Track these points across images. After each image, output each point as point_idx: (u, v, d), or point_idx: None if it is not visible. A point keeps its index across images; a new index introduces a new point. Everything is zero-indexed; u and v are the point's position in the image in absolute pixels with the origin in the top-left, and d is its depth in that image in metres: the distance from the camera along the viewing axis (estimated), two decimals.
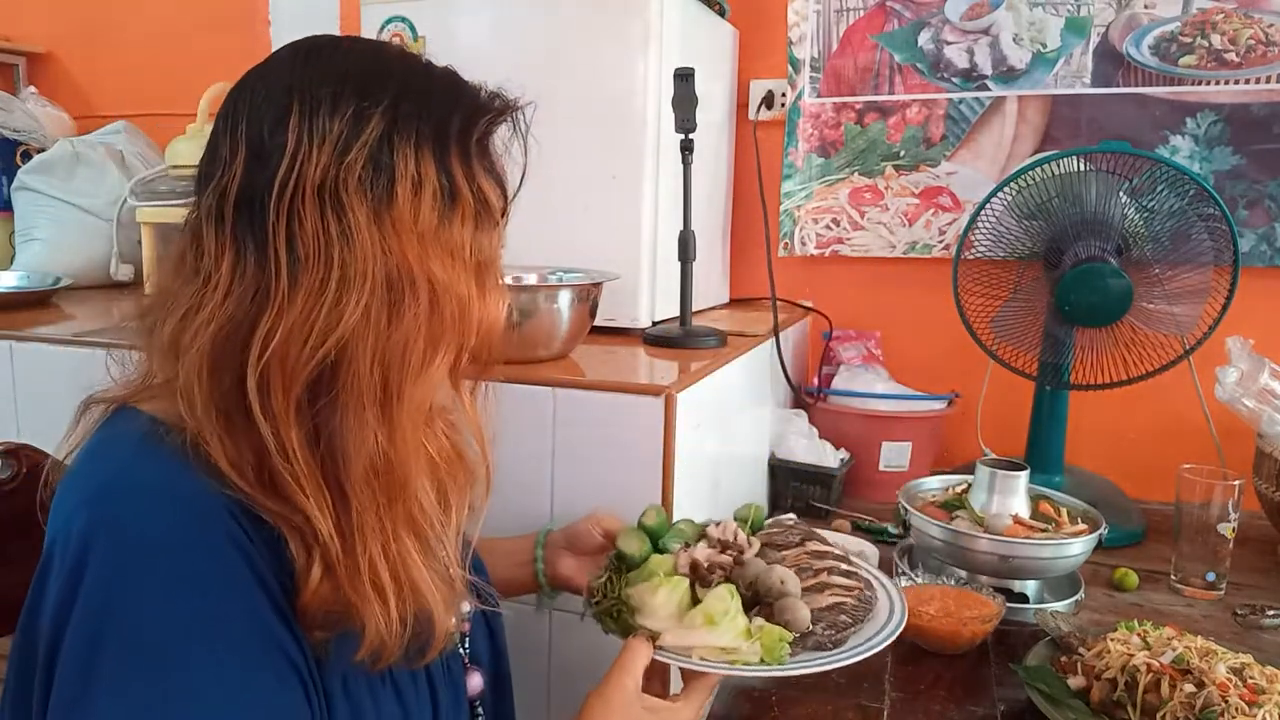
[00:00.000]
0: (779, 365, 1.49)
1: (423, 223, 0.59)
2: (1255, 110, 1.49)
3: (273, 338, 0.56)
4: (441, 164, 0.60)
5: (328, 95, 0.58)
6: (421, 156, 0.59)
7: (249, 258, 0.57)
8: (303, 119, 0.58)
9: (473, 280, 0.62)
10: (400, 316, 0.58)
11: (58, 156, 1.88)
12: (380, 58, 0.62)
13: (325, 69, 0.60)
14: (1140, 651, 0.88)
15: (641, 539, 0.90)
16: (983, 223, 1.42)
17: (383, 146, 0.58)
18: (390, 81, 0.60)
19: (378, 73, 0.61)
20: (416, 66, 0.63)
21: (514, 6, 1.42)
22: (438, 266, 0.59)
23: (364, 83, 0.59)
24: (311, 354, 0.56)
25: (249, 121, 0.59)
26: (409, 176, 0.58)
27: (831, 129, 1.73)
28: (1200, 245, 1.31)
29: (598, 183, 1.38)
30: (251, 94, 0.60)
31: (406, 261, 0.58)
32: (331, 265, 0.56)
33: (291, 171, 0.56)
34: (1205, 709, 0.80)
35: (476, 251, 0.62)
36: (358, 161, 0.57)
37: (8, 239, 1.95)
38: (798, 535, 0.94)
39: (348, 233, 0.57)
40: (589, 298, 1.18)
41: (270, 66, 0.62)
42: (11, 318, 1.44)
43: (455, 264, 0.60)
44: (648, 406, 1.00)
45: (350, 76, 0.60)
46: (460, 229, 0.61)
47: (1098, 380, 1.38)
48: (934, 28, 1.65)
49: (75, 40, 2.36)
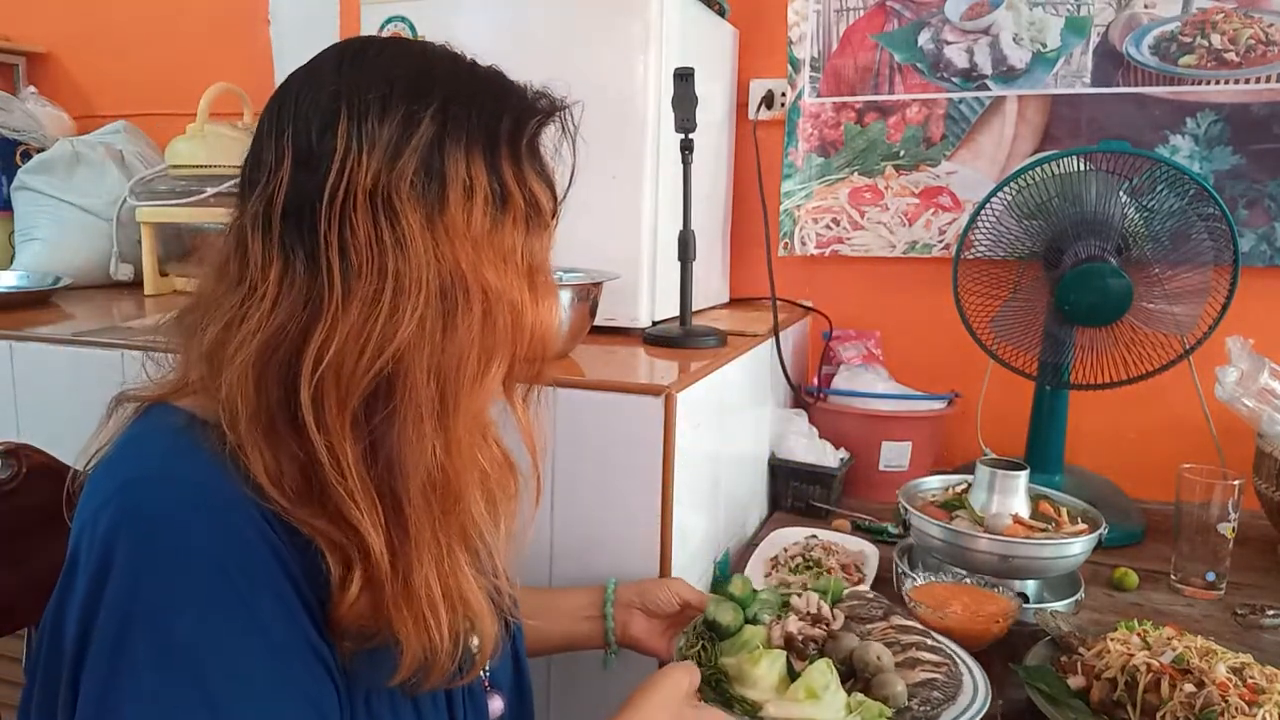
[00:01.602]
0: (779, 365, 1.49)
1: (475, 228, 0.58)
2: (1255, 110, 1.49)
3: (328, 349, 0.55)
4: (492, 167, 0.59)
5: (376, 99, 0.57)
6: (473, 160, 0.58)
7: (298, 266, 0.56)
8: (351, 124, 0.57)
9: (525, 285, 0.61)
10: (455, 326, 0.57)
11: (58, 156, 1.88)
12: (427, 59, 0.61)
13: (371, 72, 0.59)
14: (1140, 651, 0.88)
15: (735, 610, 0.94)
16: (983, 223, 1.42)
17: (434, 151, 0.57)
18: (438, 84, 0.59)
19: (425, 75, 0.60)
20: (463, 67, 0.63)
21: (514, 6, 1.42)
22: (491, 273, 0.58)
23: (412, 85, 0.59)
24: (369, 366, 0.55)
25: (295, 128, 0.58)
26: (460, 181, 0.57)
27: (831, 129, 1.73)
28: (1200, 245, 1.31)
29: (598, 183, 1.38)
30: (296, 99, 0.59)
31: (460, 269, 0.57)
32: (386, 274, 0.55)
33: (342, 177, 0.55)
34: (1205, 709, 0.80)
35: (528, 255, 0.61)
36: (409, 166, 0.56)
37: (8, 239, 1.95)
38: (880, 609, 0.98)
39: (401, 240, 0.55)
40: (589, 297, 1.18)
41: (315, 70, 0.61)
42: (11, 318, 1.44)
43: (508, 269, 0.59)
44: (648, 406, 1.00)
45: (398, 79, 0.59)
46: (512, 233, 0.60)
47: (1098, 380, 1.38)
48: (934, 27, 1.65)
49: (75, 40, 2.36)
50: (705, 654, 0.89)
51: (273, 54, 2.10)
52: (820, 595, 0.95)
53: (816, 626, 0.90)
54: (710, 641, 0.91)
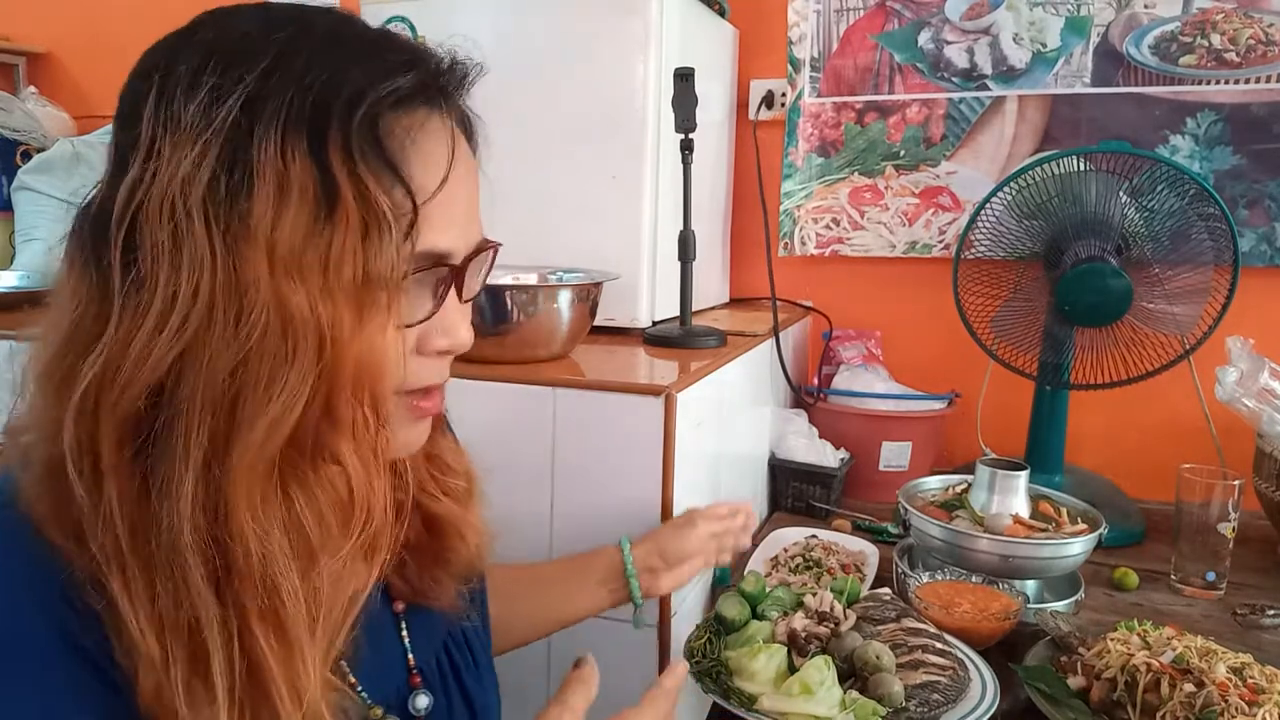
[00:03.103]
0: (779, 365, 1.49)
1: (281, 234, 0.46)
2: (1255, 110, 1.49)
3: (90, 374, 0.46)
4: (316, 156, 0.46)
5: (187, 72, 0.47)
6: (290, 146, 0.46)
7: (93, 280, 0.48)
8: (157, 106, 0.47)
9: (349, 303, 0.47)
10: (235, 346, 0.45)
11: (58, 156, 1.88)
12: (265, 18, 0.49)
13: (195, 38, 0.49)
14: (1140, 651, 0.88)
15: (742, 604, 0.97)
16: (983, 222, 1.42)
17: (239, 135, 0.46)
18: (263, 49, 0.47)
19: (252, 38, 0.48)
20: (310, 26, 0.50)
21: (514, 7, 1.42)
22: (294, 287, 0.46)
23: (231, 53, 0.47)
24: (125, 391, 0.46)
25: (116, 116, 0.50)
26: (270, 175, 0.46)
27: (831, 129, 1.73)
28: (1200, 245, 1.31)
29: (598, 183, 1.39)
30: (127, 81, 0.50)
31: (249, 281, 0.45)
32: (158, 286, 0.45)
33: (141, 175, 0.46)
34: (1205, 709, 0.80)
35: (361, 268, 0.47)
36: (206, 155, 0.45)
37: (8, 239, 1.95)
38: (894, 611, 0.98)
39: (180, 245, 0.45)
40: (589, 298, 1.18)
41: (155, 43, 0.51)
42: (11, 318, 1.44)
43: (326, 284, 0.47)
44: (648, 406, 1.01)
45: (218, 46, 0.48)
46: (340, 240, 0.47)
47: (1098, 380, 1.38)
48: (934, 27, 1.65)
49: (75, 40, 2.36)
50: (710, 646, 0.92)
51: None
52: (835, 595, 0.95)
53: (823, 624, 0.91)
54: (716, 634, 0.94)
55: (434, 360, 0.56)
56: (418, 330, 0.54)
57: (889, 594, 1.03)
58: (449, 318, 0.55)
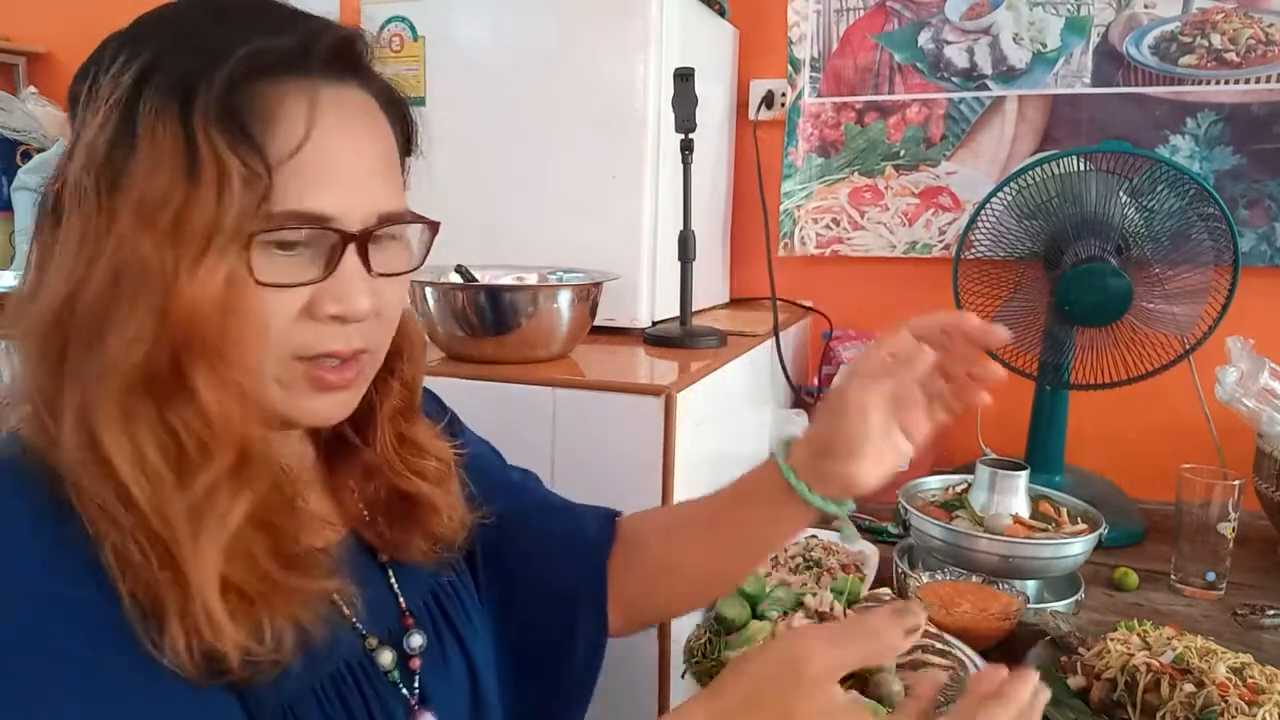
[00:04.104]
0: (779, 365, 1.49)
1: (149, 190, 0.50)
2: (1255, 110, 1.49)
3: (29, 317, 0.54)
4: (184, 123, 0.50)
5: (111, 50, 0.54)
6: (165, 115, 0.50)
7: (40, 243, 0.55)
8: (91, 84, 0.53)
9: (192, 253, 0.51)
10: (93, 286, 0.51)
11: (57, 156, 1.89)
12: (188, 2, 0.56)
13: (139, 20, 0.55)
14: (1140, 651, 0.88)
15: (742, 604, 0.97)
16: (983, 223, 1.42)
17: (130, 106, 0.51)
18: (163, 24, 0.54)
19: (165, 17, 0.54)
20: (212, 3, 0.55)
21: (514, 6, 1.42)
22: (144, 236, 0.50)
23: (138, 30, 0.54)
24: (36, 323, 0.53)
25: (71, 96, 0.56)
26: (148, 140, 0.50)
27: (831, 129, 1.73)
28: (1200, 245, 1.31)
29: (598, 183, 1.39)
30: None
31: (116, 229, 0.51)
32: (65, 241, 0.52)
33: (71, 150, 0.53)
34: (1205, 709, 0.80)
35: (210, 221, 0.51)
36: (105, 127, 0.51)
37: (8, 239, 1.95)
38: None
39: (80, 204, 0.52)
40: (589, 298, 1.18)
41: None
42: None
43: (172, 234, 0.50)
44: (648, 406, 1.00)
45: (138, 27, 0.54)
46: (196, 196, 0.50)
47: (1098, 380, 1.38)
48: (934, 27, 1.65)
49: (75, 40, 2.35)
50: (710, 646, 0.93)
51: None
52: (835, 595, 0.96)
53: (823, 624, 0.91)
54: (716, 634, 0.95)
55: (331, 326, 0.56)
56: (307, 293, 0.55)
57: (889, 594, 1.03)
58: (343, 284, 0.55)
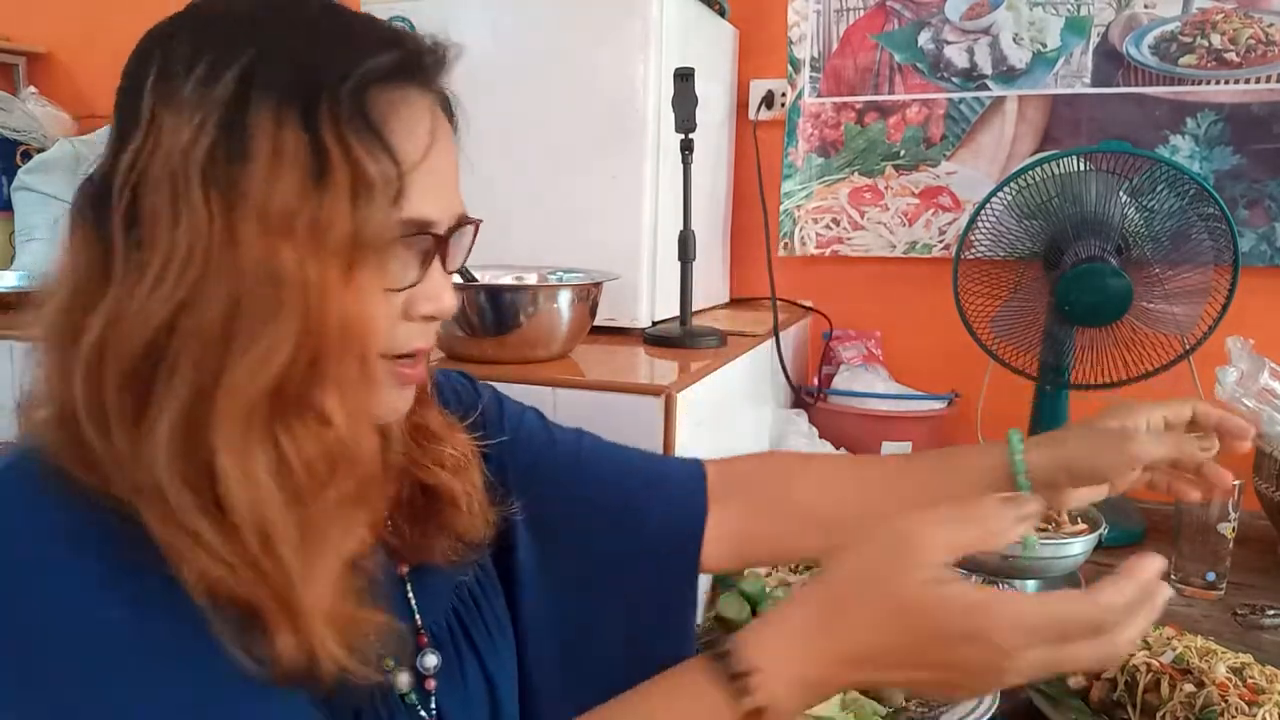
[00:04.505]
0: (779, 365, 1.49)
1: (276, 199, 0.48)
2: (1255, 110, 1.49)
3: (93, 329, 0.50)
4: (308, 125, 0.49)
5: (186, 50, 0.50)
6: (283, 117, 0.49)
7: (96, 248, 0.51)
8: (157, 83, 0.50)
9: (335, 267, 0.50)
10: (223, 302, 0.48)
11: (58, 156, 1.89)
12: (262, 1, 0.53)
13: (193, 19, 0.52)
14: (1140, 651, 0.88)
15: (742, 604, 0.97)
16: (983, 223, 1.41)
17: (237, 108, 0.48)
18: (260, 26, 0.51)
19: (248, 16, 0.51)
20: (299, 6, 0.54)
21: (514, 6, 1.42)
22: (284, 249, 0.49)
23: (228, 30, 0.50)
24: (125, 347, 0.49)
25: (117, 93, 0.52)
26: (266, 144, 0.48)
27: (831, 129, 1.73)
28: (1200, 245, 1.31)
29: (598, 183, 1.39)
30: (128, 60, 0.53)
31: (242, 242, 0.48)
32: (157, 248, 0.48)
33: (143, 147, 0.49)
34: (1205, 709, 0.80)
35: (351, 233, 0.50)
36: (205, 129, 0.48)
37: (8, 239, 1.95)
38: None
39: (178, 211, 0.48)
40: (589, 298, 1.18)
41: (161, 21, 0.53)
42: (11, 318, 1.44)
43: (311, 247, 0.49)
44: (648, 406, 1.00)
45: (215, 24, 0.51)
46: (330, 206, 0.49)
47: (1098, 380, 1.38)
48: (934, 27, 1.65)
49: (75, 40, 2.36)
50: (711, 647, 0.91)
51: None
52: None
53: None
54: (717, 635, 0.95)
55: (420, 325, 0.58)
56: (404, 296, 0.56)
57: None
58: (434, 284, 0.57)
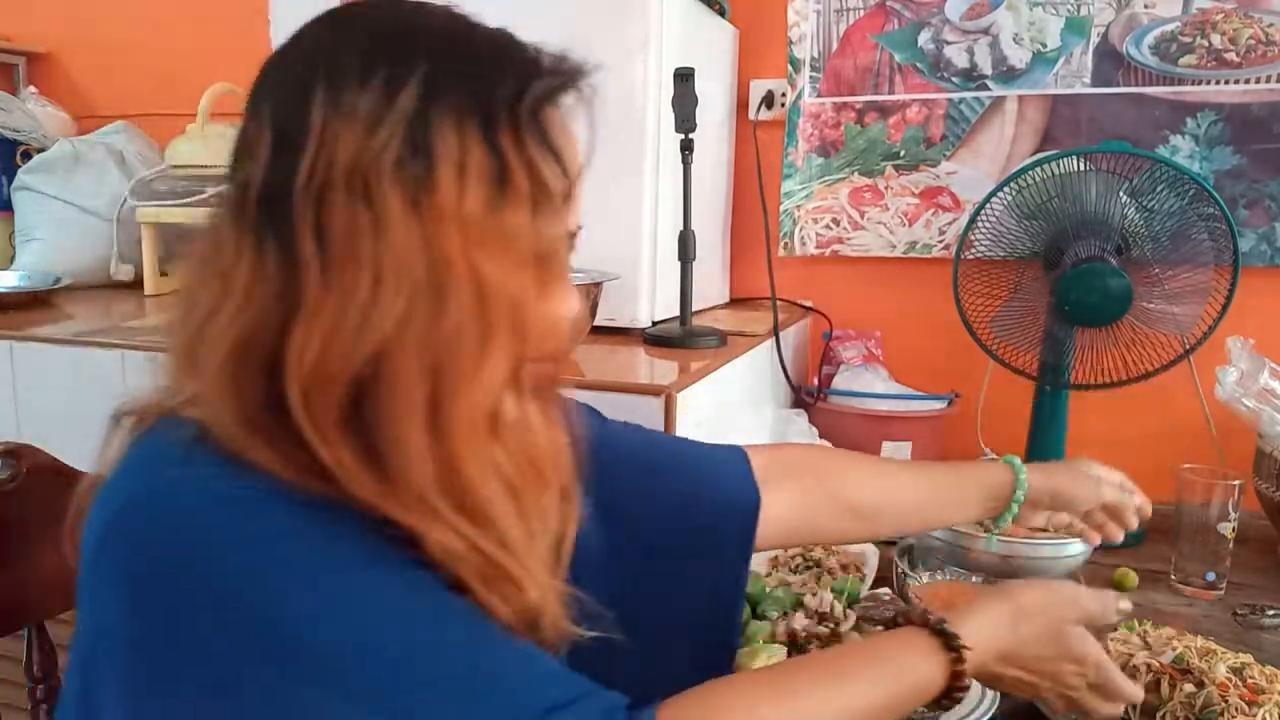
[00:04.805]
0: (779, 365, 1.49)
1: (468, 210, 0.50)
2: (1255, 110, 1.49)
3: (310, 347, 0.49)
4: (489, 141, 0.51)
5: (355, 64, 0.50)
6: (465, 132, 0.50)
7: (271, 256, 0.50)
8: (328, 94, 0.50)
9: (528, 274, 0.53)
10: (444, 318, 0.50)
11: (58, 156, 1.89)
12: (418, 15, 0.54)
13: (353, 33, 0.52)
14: (1140, 651, 0.88)
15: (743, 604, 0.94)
16: (983, 223, 1.42)
17: (419, 120, 0.49)
18: (428, 43, 0.52)
19: (414, 33, 0.52)
20: (461, 25, 0.55)
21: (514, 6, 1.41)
22: (486, 260, 0.51)
23: (398, 46, 0.51)
24: (348, 362, 0.49)
25: (273, 102, 0.52)
26: (451, 155, 0.50)
27: (831, 129, 1.73)
28: (1200, 245, 1.31)
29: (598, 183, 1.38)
30: (276, 70, 0.53)
31: (448, 255, 0.50)
32: (363, 262, 0.49)
33: (318, 157, 0.49)
34: (1205, 709, 0.80)
35: (535, 241, 0.53)
36: (391, 140, 0.49)
37: (8, 239, 1.95)
38: (892, 610, 0.98)
39: (381, 224, 0.49)
40: (589, 298, 1.19)
41: (298, 36, 0.54)
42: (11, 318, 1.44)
43: (508, 257, 0.52)
44: (648, 406, 1.01)
45: (382, 40, 0.52)
46: (515, 216, 0.52)
47: (1098, 380, 1.38)
48: (934, 27, 1.65)
49: (75, 40, 2.36)
50: None
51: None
52: (835, 595, 0.96)
53: (822, 624, 0.91)
54: None
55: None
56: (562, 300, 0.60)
57: (889, 594, 1.03)
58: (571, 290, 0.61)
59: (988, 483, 0.91)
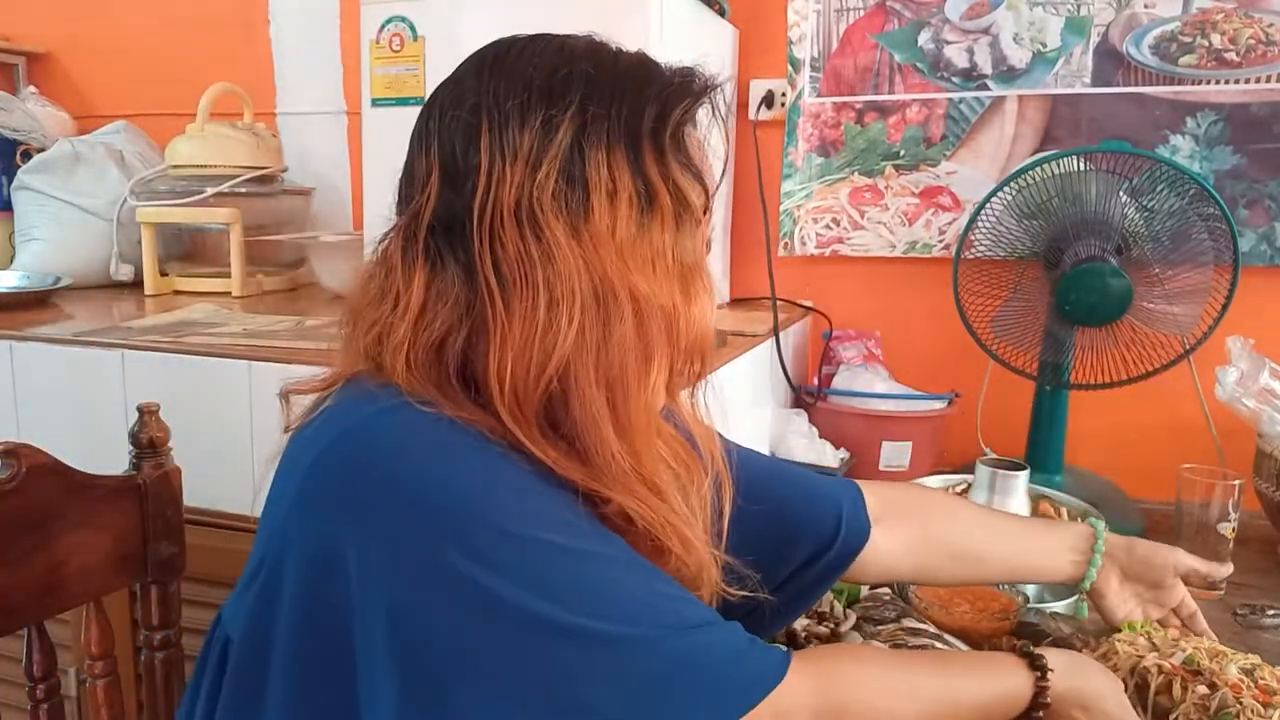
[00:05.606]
0: (779, 365, 1.49)
1: (621, 233, 0.57)
2: (1255, 110, 1.49)
3: (504, 372, 0.55)
4: (635, 166, 0.58)
5: (515, 107, 0.57)
6: (614, 161, 0.57)
7: (451, 280, 0.57)
8: (493, 136, 0.57)
9: (677, 287, 0.59)
10: (611, 333, 0.56)
11: (58, 156, 1.88)
12: (564, 56, 0.61)
13: (509, 78, 0.59)
14: (1150, 653, 0.87)
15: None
16: (983, 222, 1.42)
17: (574, 156, 0.56)
18: (575, 82, 0.58)
19: (562, 75, 0.59)
20: (603, 60, 0.61)
21: (514, 6, 1.42)
22: (640, 278, 0.57)
23: (549, 88, 0.58)
24: (538, 379, 0.55)
25: (440, 142, 0.59)
26: (603, 184, 0.56)
27: (831, 129, 1.73)
28: (1200, 245, 1.31)
29: None
30: (441, 112, 0.60)
31: (608, 276, 0.56)
32: (538, 287, 0.55)
33: (488, 193, 0.56)
34: (1220, 711, 0.79)
35: (679, 255, 0.59)
36: (550, 175, 0.56)
37: (8, 239, 1.95)
38: (894, 611, 0.98)
39: (549, 252, 0.55)
40: None
41: (458, 80, 0.61)
42: (11, 318, 1.44)
43: (657, 272, 0.58)
44: None
45: (535, 83, 0.58)
46: (661, 234, 0.58)
47: (1098, 380, 1.38)
48: (934, 27, 1.65)
49: (75, 40, 2.36)
50: None
51: (273, 54, 2.10)
52: (835, 595, 0.95)
53: (823, 624, 0.91)
54: None
55: None
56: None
57: (889, 594, 1.03)
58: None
59: (1074, 536, 0.94)
